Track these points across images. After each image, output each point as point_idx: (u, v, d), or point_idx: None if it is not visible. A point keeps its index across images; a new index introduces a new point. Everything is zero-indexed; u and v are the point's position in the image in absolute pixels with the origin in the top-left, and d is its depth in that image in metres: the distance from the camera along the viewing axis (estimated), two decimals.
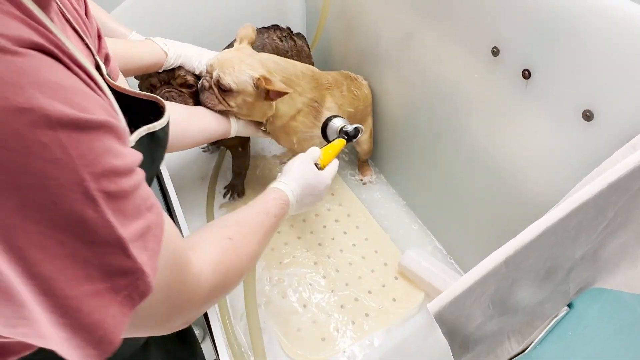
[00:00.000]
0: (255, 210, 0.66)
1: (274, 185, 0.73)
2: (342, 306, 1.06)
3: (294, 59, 1.25)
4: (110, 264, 0.31)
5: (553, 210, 0.51)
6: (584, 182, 0.60)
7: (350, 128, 0.96)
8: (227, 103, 0.90)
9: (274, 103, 0.94)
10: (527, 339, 0.73)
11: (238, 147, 1.21)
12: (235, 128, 0.97)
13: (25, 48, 0.28)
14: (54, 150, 0.27)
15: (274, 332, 1.01)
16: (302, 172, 0.76)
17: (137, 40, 0.95)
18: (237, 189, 1.27)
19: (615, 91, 0.66)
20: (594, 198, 0.51)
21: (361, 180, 1.36)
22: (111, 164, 0.31)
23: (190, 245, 0.49)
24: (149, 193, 0.37)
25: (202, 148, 1.40)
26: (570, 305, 0.86)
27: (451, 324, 0.56)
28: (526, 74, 0.78)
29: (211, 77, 0.90)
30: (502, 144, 0.90)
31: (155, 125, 0.53)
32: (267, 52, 1.06)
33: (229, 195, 1.28)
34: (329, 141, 0.99)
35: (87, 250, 0.30)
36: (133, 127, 0.50)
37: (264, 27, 1.21)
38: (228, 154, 1.37)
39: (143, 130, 0.51)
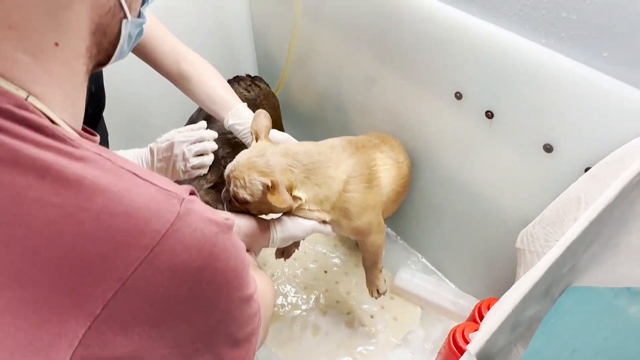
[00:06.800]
0: None
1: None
2: (349, 336, 1.14)
3: (262, 104, 1.30)
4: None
5: (552, 250, 0.63)
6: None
7: None
8: (247, 208, 0.90)
9: (294, 193, 0.89)
10: (530, 342, 0.86)
11: None
12: (276, 237, 0.90)
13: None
14: None
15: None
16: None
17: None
18: None
19: (571, 127, 0.80)
20: (582, 232, 0.64)
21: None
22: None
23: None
24: None
25: None
26: None
27: (484, 355, 0.66)
28: (489, 115, 0.91)
29: (228, 190, 0.90)
30: (473, 172, 1.03)
31: None
32: None
33: None
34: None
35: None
36: None
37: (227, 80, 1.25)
38: None
39: None
